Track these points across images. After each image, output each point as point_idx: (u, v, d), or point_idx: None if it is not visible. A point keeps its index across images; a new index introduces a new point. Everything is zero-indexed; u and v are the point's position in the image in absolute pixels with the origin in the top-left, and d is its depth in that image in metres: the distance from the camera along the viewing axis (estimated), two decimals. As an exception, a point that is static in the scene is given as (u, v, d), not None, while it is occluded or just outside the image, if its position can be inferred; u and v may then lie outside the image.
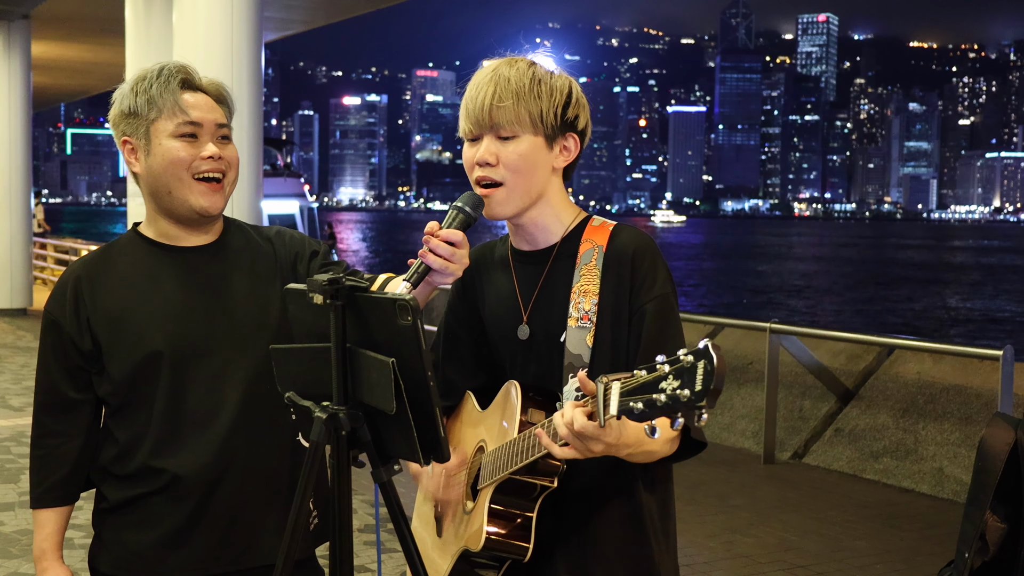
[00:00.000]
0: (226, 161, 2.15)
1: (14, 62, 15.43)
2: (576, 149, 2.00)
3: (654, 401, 1.51)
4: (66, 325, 2.15)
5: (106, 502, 2.20)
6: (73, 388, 2.17)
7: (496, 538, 1.88)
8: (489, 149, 1.94)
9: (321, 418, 1.75)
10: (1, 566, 4.91)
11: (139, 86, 2.13)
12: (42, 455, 2.20)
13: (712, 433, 7.98)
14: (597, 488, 1.94)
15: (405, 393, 1.70)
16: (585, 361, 1.91)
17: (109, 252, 2.23)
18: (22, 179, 15.63)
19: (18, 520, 5.56)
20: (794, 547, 5.48)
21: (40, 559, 2.21)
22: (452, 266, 1.85)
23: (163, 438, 2.12)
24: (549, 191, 1.99)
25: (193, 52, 8.09)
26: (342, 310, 1.75)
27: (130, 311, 2.13)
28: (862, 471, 6.94)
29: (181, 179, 2.11)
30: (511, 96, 1.92)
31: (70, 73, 21.38)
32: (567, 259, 1.98)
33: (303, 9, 15.07)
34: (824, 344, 7.88)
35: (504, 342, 2.03)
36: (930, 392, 7.07)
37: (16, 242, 15.50)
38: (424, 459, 1.74)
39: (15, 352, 11.69)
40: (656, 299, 1.92)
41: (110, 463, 2.17)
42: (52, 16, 15.14)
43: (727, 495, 6.48)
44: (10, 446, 7.23)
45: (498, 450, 1.92)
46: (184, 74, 2.15)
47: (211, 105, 2.16)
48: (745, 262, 73.47)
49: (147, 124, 2.11)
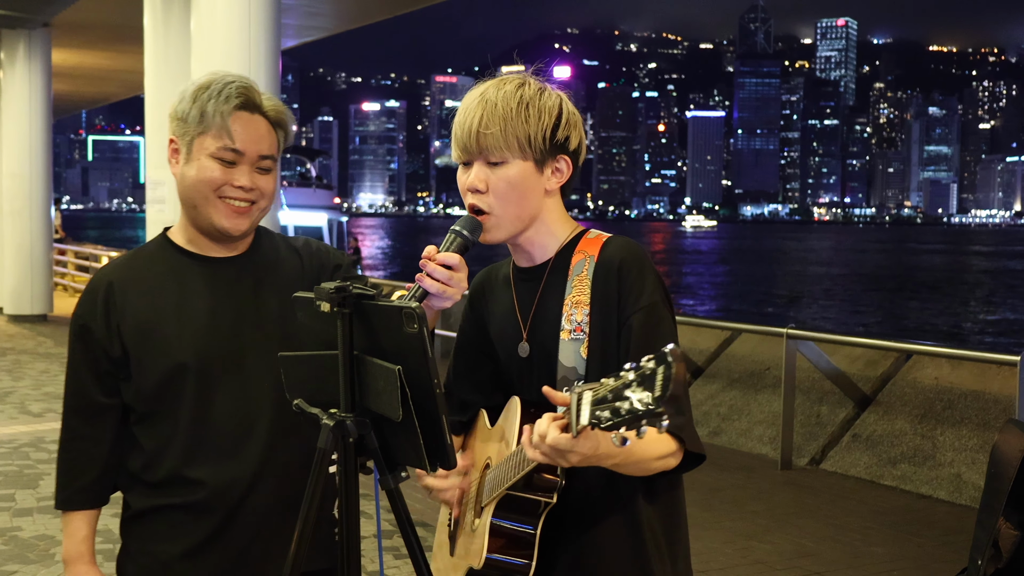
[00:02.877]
0: (258, 192, 2.13)
1: (35, 70, 15.54)
2: (569, 170, 1.97)
3: (618, 409, 1.48)
4: (97, 330, 2.14)
5: (131, 510, 2.20)
6: (102, 393, 2.16)
7: (497, 556, 1.88)
8: (479, 175, 1.92)
9: (328, 425, 1.75)
10: (19, 571, 4.93)
11: (199, 95, 2.10)
12: (71, 458, 2.20)
13: (729, 439, 7.96)
14: (596, 502, 1.92)
15: (411, 401, 1.70)
16: (580, 373, 1.89)
17: (139, 258, 2.23)
18: (42, 186, 15.74)
19: (36, 526, 5.58)
20: (810, 553, 5.46)
21: (75, 562, 2.21)
22: (449, 290, 1.84)
23: (189, 450, 2.12)
24: (544, 212, 1.97)
25: (211, 59, 8.15)
26: (349, 318, 1.75)
27: (158, 321, 2.13)
28: (880, 477, 6.90)
29: (207, 198, 2.10)
30: (498, 121, 1.89)
31: (90, 80, 21.54)
32: (561, 272, 1.97)
33: (321, 16, 15.12)
34: (841, 350, 7.85)
35: (509, 360, 2.03)
36: (948, 398, 7.02)
37: (36, 248, 15.61)
38: (431, 466, 1.74)
39: (35, 358, 11.76)
40: (643, 310, 1.88)
41: (138, 470, 2.17)
42: (72, 24, 15.24)
43: (744, 501, 6.46)
44: (29, 451, 7.28)
45: (498, 466, 1.93)
46: (246, 96, 2.11)
47: (261, 133, 2.13)
48: (764, 267, 73.21)
49: (193, 135, 2.10)
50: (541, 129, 1.91)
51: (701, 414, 8.34)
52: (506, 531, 1.88)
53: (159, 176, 9.58)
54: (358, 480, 1.79)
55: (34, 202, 15.57)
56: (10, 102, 15.62)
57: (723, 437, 8.01)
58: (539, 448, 1.65)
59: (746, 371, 8.51)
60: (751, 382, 8.37)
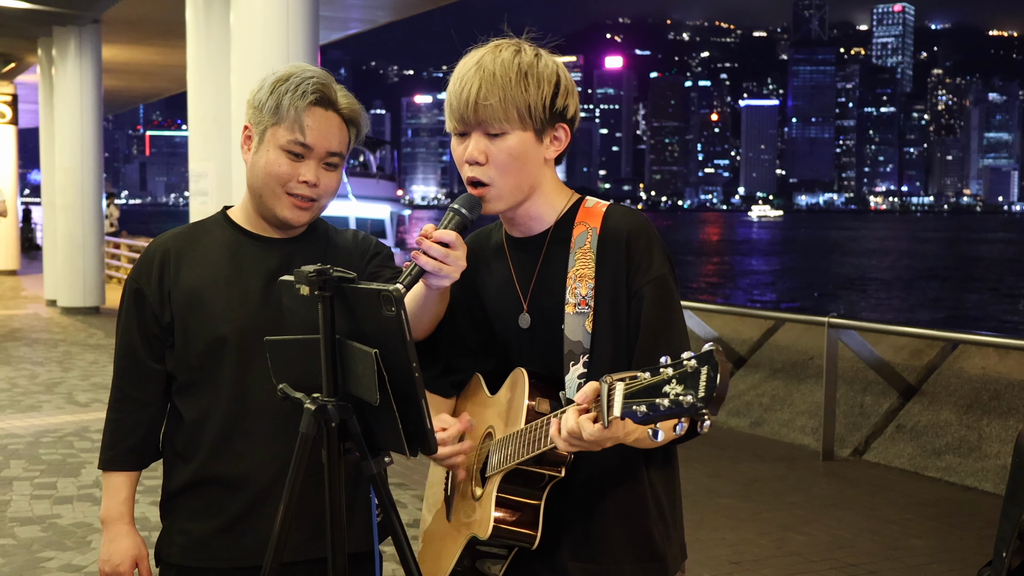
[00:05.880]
0: (321, 189, 2.16)
1: (85, 65, 15.77)
2: (567, 138, 1.96)
3: (657, 405, 1.51)
4: (150, 295, 2.19)
5: (171, 489, 2.24)
6: (151, 358, 2.21)
7: (503, 526, 1.89)
8: (478, 147, 1.90)
9: (310, 410, 1.74)
10: (55, 557, 5.00)
11: (277, 87, 2.13)
12: (118, 419, 2.25)
13: (771, 429, 7.85)
14: (602, 474, 1.93)
15: (390, 384, 1.69)
16: (585, 347, 1.90)
17: (198, 230, 2.27)
18: (93, 180, 15.97)
19: (75, 513, 5.66)
20: (847, 545, 5.36)
21: (114, 522, 2.25)
22: (446, 267, 1.81)
23: (228, 423, 2.15)
24: (542, 182, 1.96)
25: (250, 53, 8.20)
26: (330, 301, 1.74)
27: (207, 292, 2.17)
28: (923, 468, 6.77)
29: (274, 191, 2.14)
30: (497, 91, 1.86)
31: (141, 76, 21.81)
32: (561, 244, 1.95)
33: (362, 8, 15.16)
34: (886, 339, 7.71)
35: (507, 330, 2.02)
36: (995, 388, 6.87)
37: (88, 242, 15.85)
38: (410, 450, 1.73)
39: (85, 349, 11.95)
40: (653, 281, 1.88)
41: (180, 447, 2.21)
42: (121, 20, 15.42)
43: (783, 492, 6.37)
44: (73, 440, 7.39)
45: (506, 439, 1.92)
46: (322, 92, 2.14)
47: (333, 129, 2.15)
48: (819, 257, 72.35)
49: (267, 125, 2.14)
50: (541, 98, 1.88)
51: (743, 404, 8.25)
52: (513, 503, 1.90)
53: (202, 168, 9.67)
54: (342, 464, 1.78)
55: (86, 196, 15.81)
56: (62, 97, 15.86)
57: (765, 427, 7.91)
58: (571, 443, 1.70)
59: (789, 361, 8.39)
60: (794, 372, 8.25)
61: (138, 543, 2.26)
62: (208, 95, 9.73)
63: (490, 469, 1.95)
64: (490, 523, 1.88)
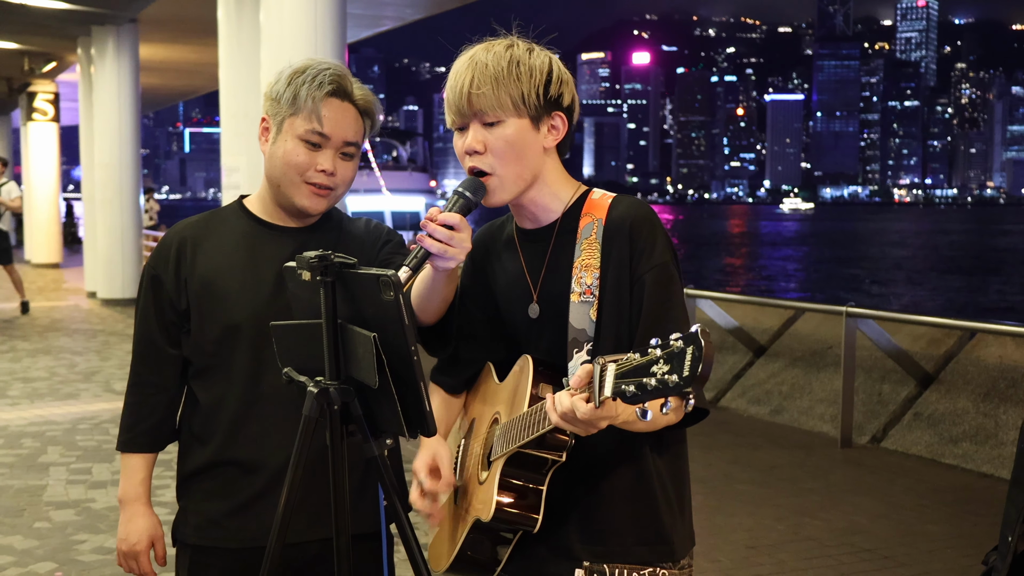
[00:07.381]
0: (338, 178, 2.22)
1: (123, 64, 16.04)
2: (564, 127, 1.98)
3: (644, 384, 1.53)
4: (167, 282, 2.25)
5: (187, 470, 2.30)
6: (168, 343, 2.27)
7: (506, 509, 1.92)
8: (476, 137, 1.93)
9: (313, 392, 1.81)
10: (88, 540, 5.18)
11: (294, 78, 2.18)
12: (136, 402, 2.31)
13: (791, 417, 7.94)
14: (606, 457, 1.95)
15: (389, 367, 1.74)
16: (589, 335, 1.92)
17: (214, 219, 2.32)
18: (131, 175, 16.26)
19: (109, 498, 5.85)
20: (863, 530, 5.44)
21: (132, 502, 2.32)
22: (451, 250, 1.84)
23: (242, 408, 2.21)
24: (544, 171, 1.98)
25: (279, 50, 8.38)
26: (332, 286, 1.80)
27: (222, 280, 2.22)
28: (940, 456, 6.83)
29: (292, 181, 2.20)
30: (489, 81, 1.90)
31: (178, 74, 22.08)
32: (569, 235, 1.98)
33: (390, 5, 15.27)
34: (904, 328, 7.76)
35: (517, 320, 2.05)
36: (1012, 376, 6.91)
37: (127, 235, 16.16)
38: (410, 432, 1.78)
39: (123, 339, 12.20)
40: (655, 268, 1.91)
41: (196, 430, 2.27)
42: (158, 19, 15.64)
43: (800, 479, 6.46)
44: (108, 427, 7.59)
45: (510, 423, 1.96)
46: (339, 83, 2.18)
47: (349, 120, 2.20)
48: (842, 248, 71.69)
49: (284, 116, 2.19)
50: (533, 86, 1.92)
51: (763, 392, 8.34)
52: (515, 486, 1.92)
53: (234, 163, 9.88)
54: (345, 446, 1.84)
55: (124, 191, 16.11)
56: (100, 95, 16.15)
57: (784, 415, 8.00)
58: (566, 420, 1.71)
59: (808, 349, 8.47)
60: (813, 360, 8.32)
61: (154, 523, 2.33)
62: (239, 91, 9.93)
63: (494, 453, 1.98)
64: (492, 506, 1.90)
